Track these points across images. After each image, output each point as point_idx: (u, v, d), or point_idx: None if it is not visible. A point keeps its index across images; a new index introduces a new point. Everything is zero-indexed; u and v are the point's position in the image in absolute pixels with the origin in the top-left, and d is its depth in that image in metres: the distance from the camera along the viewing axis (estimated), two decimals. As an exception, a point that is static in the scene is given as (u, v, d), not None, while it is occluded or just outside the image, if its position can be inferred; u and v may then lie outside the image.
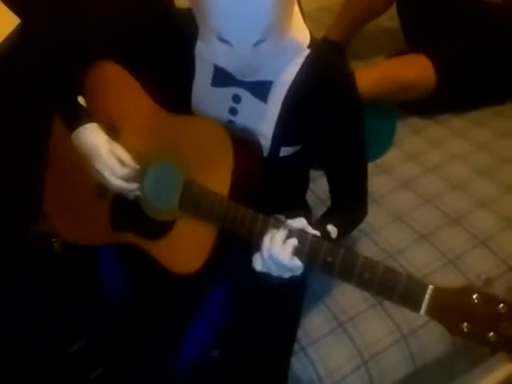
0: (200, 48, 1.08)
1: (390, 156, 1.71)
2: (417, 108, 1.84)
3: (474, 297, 0.75)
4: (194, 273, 1.05)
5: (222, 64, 1.04)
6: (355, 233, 1.44)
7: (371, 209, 1.50)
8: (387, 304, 1.24)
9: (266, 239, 0.92)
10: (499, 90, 1.88)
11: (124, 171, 1.10)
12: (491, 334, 0.74)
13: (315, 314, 1.25)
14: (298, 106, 1.06)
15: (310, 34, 1.06)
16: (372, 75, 1.75)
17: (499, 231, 1.43)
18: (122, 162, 1.10)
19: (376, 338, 1.21)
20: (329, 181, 1.17)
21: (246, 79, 1.05)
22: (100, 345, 1.42)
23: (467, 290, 0.77)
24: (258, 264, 0.94)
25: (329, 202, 1.20)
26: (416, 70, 1.76)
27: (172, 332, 1.21)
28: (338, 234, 1.03)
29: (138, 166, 1.11)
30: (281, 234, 0.91)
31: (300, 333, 1.20)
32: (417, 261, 1.36)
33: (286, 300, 1.13)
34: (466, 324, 0.76)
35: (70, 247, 1.32)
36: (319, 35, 1.87)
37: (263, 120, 1.07)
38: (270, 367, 1.13)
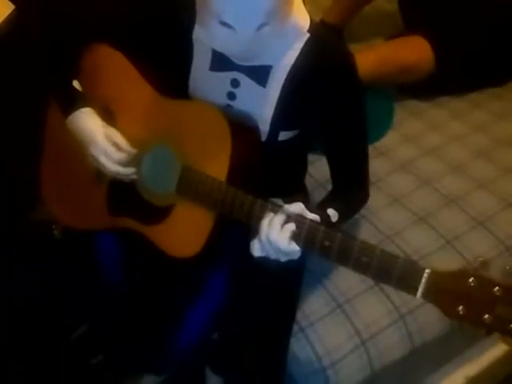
0: (198, 33, 1.07)
1: (389, 139, 1.71)
2: (415, 90, 1.83)
3: (470, 280, 0.76)
4: (192, 257, 1.05)
5: (221, 49, 1.03)
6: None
7: (370, 191, 1.52)
8: (385, 285, 1.25)
9: (264, 223, 0.92)
10: (498, 71, 1.88)
11: (120, 155, 1.09)
12: (486, 316, 0.75)
13: (314, 296, 1.26)
14: (297, 90, 1.05)
15: (310, 18, 1.06)
16: (370, 58, 1.74)
17: (497, 212, 1.44)
18: (117, 147, 1.10)
19: (374, 319, 1.22)
20: (330, 164, 1.17)
21: (245, 64, 1.04)
22: (100, 330, 1.44)
23: (463, 274, 0.77)
24: (255, 249, 0.95)
25: (328, 186, 1.21)
26: (414, 52, 1.75)
27: (171, 315, 1.22)
28: (339, 218, 1.04)
29: (134, 150, 1.10)
30: (279, 218, 0.92)
31: (299, 314, 1.21)
32: (415, 242, 1.37)
33: (285, 282, 1.14)
34: (461, 307, 0.77)
35: (69, 233, 1.32)
36: (317, 17, 1.85)
37: (262, 104, 1.07)
38: (269, 348, 1.14)
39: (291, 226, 0.91)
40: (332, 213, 1.03)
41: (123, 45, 1.15)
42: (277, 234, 0.91)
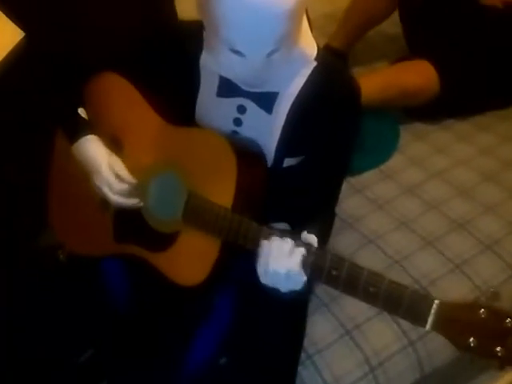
0: (205, 59, 1.08)
1: (395, 161, 1.71)
2: (421, 113, 1.84)
3: (481, 311, 0.75)
4: (198, 285, 1.05)
5: (230, 75, 1.04)
6: (361, 239, 1.45)
7: (376, 215, 1.53)
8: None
9: (273, 249, 0.92)
10: (503, 94, 1.88)
11: (122, 187, 1.10)
12: (499, 348, 0.74)
13: (321, 322, 1.25)
14: (301, 118, 1.06)
15: (317, 46, 1.07)
16: (375, 82, 1.75)
17: (505, 236, 1.43)
18: (119, 178, 1.10)
19: (383, 345, 1.21)
20: (304, 184, 1.15)
21: (252, 90, 1.05)
22: (105, 355, 1.43)
23: (474, 305, 0.76)
24: (262, 275, 0.95)
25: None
26: (419, 76, 1.76)
27: (178, 340, 1.22)
28: (318, 243, 1.02)
29: (135, 181, 1.11)
30: (287, 244, 0.92)
31: (306, 341, 1.20)
32: (423, 267, 1.36)
33: (292, 308, 1.13)
34: (472, 339, 0.75)
35: (74, 257, 1.32)
36: (322, 42, 1.87)
37: (267, 131, 1.08)
38: (277, 376, 1.13)
39: (301, 251, 0.91)
40: (312, 239, 1.01)
41: (130, 72, 1.16)
42: (287, 261, 0.91)
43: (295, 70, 1.04)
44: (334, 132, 1.08)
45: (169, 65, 1.13)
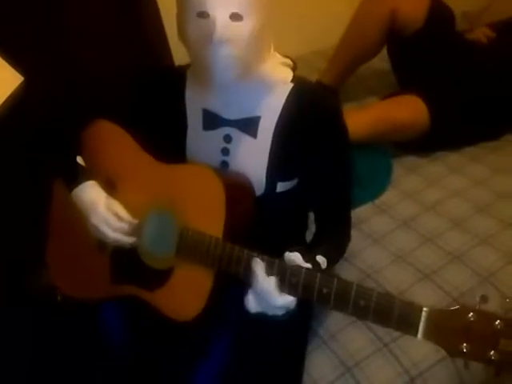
0: (189, 96, 1.14)
1: (388, 195, 1.72)
2: (412, 146, 1.86)
3: (470, 315, 0.74)
4: (193, 318, 1.05)
5: (208, 104, 1.10)
6: (358, 274, 1.45)
7: (372, 250, 1.53)
8: (393, 346, 1.24)
9: (260, 277, 0.93)
10: (493, 126, 1.91)
11: (120, 224, 1.12)
12: (492, 352, 0.73)
13: (321, 360, 1.24)
14: (287, 138, 1.09)
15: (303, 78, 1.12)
16: (366, 117, 1.78)
17: (501, 267, 1.43)
18: (118, 216, 1.12)
19: (384, 383, 1.20)
20: (314, 207, 1.20)
21: (233, 118, 1.09)
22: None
23: (463, 309, 0.76)
24: (250, 304, 0.96)
25: None
26: (410, 111, 1.79)
27: (179, 377, 1.20)
28: (328, 264, 1.05)
29: (134, 220, 1.13)
30: (265, 270, 0.93)
31: (307, 380, 1.19)
32: (421, 301, 1.32)
33: (289, 343, 1.14)
34: (464, 344, 0.75)
35: (70, 300, 1.31)
36: (313, 79, 1.91)
37: (255, 156, 1.10)
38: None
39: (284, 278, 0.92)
40: (321, 260, 1.03)
41: (123, 119, 1.20)
42: (272, 288, 0.92)
43: (271, 93, 1.08)
44: (324, 148, 1.10)
45: (157, 105, 1.18)
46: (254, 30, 0.99)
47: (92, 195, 1.14)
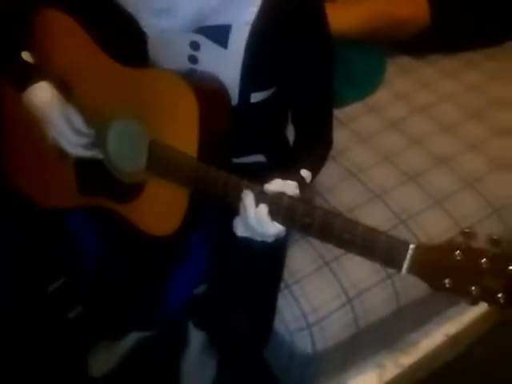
0: None
1: (379, 95, 1.67)
2: (408, 47, 1.79)
3: (457, 253, 0.73)
4: (171, 234, 1.00)
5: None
6: (343, 172, 1.43)
7: (359, 149, 1.50)
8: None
9: (248, 205, 0.87)
10: (495, 30, 1.84)
11: (80, 140, 1.04)
12: (473, 288, 0.73)
13: (300, 253, 1.24)
14: (263, 47, 0.98)
15: None
16: (364, 10, 1.69)
17: (487, 173, 1.42)
18: (76, 130, 1.03)
19: (361, 277, 1.21)
20: (294, 119, 1.12)
21: (201, 24, 0.97)
22: (78, 285, 1.40)
23: (449, 246, 0.74)
24: (239, 229, 0.90)
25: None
26: (410, 6, 1.70)
27: (157, 280, 1.20)
28: (312, 177, 1.00)
29: (93, 132, 1.04)
30: (253, 199, 0.87)
31: (285, 272, 1.19)
32: (404, 201, 1.35)
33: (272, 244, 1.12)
34: (448, 280, 0.74)
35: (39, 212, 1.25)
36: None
37: (226, 67, 0.99)
38: (257, 304, 1.12)
39: (264, 208, 0.86)
40: (306, 174, 0.98)
41: (73, 9, 1.04)
42: (264, 218, 0.86)
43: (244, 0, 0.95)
44: (303, 52, 1.00)
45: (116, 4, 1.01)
46: None
47: (45, 100, 1.03)
